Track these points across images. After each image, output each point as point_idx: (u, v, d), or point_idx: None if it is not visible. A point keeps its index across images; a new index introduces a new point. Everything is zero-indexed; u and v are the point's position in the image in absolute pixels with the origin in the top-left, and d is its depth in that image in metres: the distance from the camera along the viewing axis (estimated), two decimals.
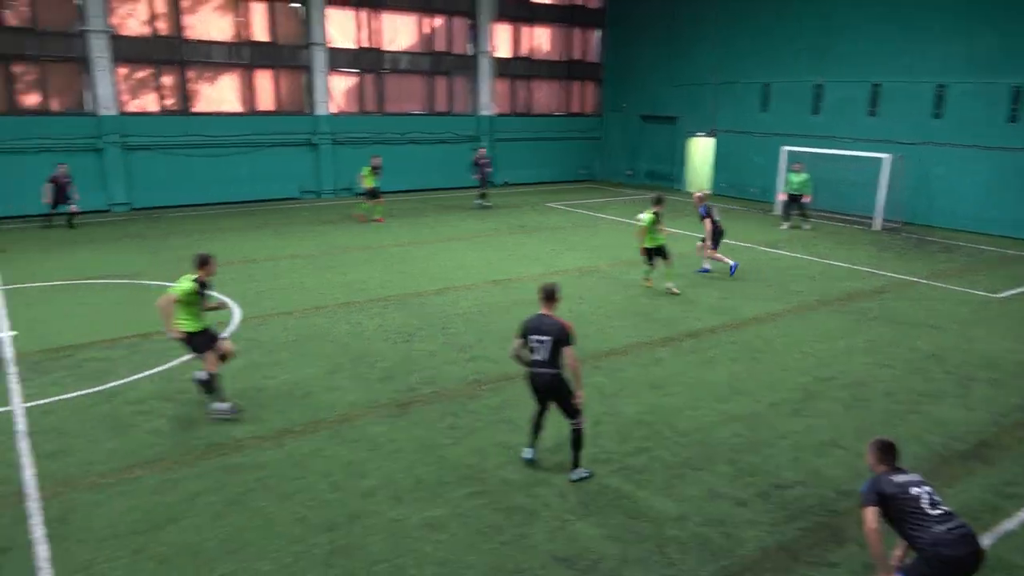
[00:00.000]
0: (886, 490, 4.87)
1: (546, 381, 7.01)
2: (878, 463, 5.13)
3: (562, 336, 6.95)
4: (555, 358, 6.96)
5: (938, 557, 4.62)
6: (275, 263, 15.65)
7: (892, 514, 4.87)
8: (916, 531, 4.74)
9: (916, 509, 4.78)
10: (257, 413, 8.44)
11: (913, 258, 17.54)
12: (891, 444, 5.13)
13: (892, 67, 22.42)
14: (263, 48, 23.82)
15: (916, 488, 4.87)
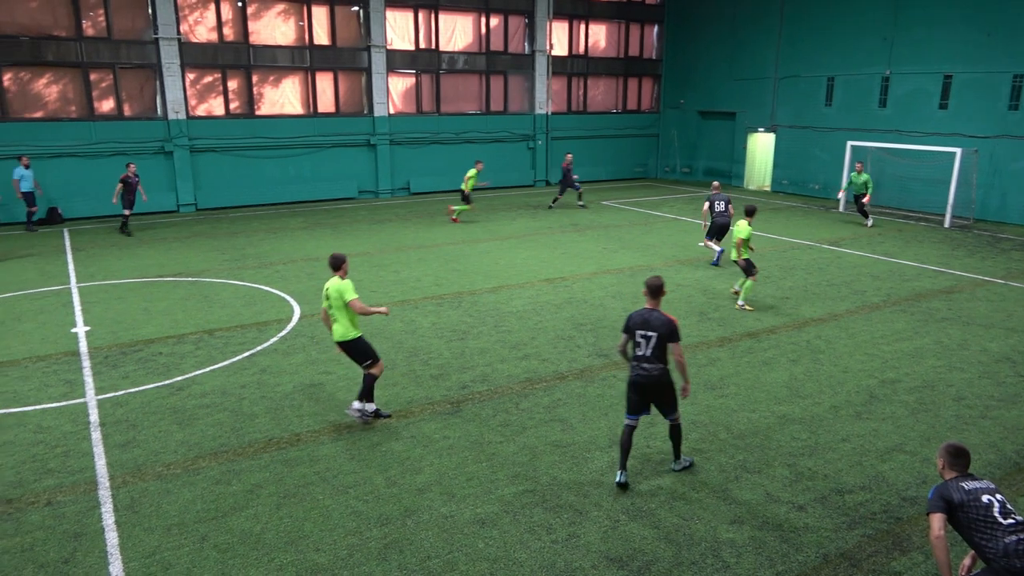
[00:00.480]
0: (955, 497, 4.66)
1: (652, 378, 6.87)
2: (948, 468, 4.90)
3: (669, 332, 6.83)
4: (660, 354, 6.85)
5: (1009, 570, 4.40)
6: None
7: (961, 522, 4.66)
8: (986, 541, 4.53)
9: (987, 518, 4.56)
10: (314, 408, 8.64)
11: (986, 256, 16.79)
12: (962, 449, 4.90)
13: (965, 57, 21.48)
14: (324, 51, 24.34)
15: (988, 496, 4.64)
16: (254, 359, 10.18)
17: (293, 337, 11.09)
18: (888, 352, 10.52)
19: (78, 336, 11.14)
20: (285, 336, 11.12)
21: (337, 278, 8.06)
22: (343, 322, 8.02)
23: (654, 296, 7.06)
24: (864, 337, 11.15)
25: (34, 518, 6.41)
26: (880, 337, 11.15)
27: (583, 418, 8.38)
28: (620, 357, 7.17)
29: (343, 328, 8.04)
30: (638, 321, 6.99)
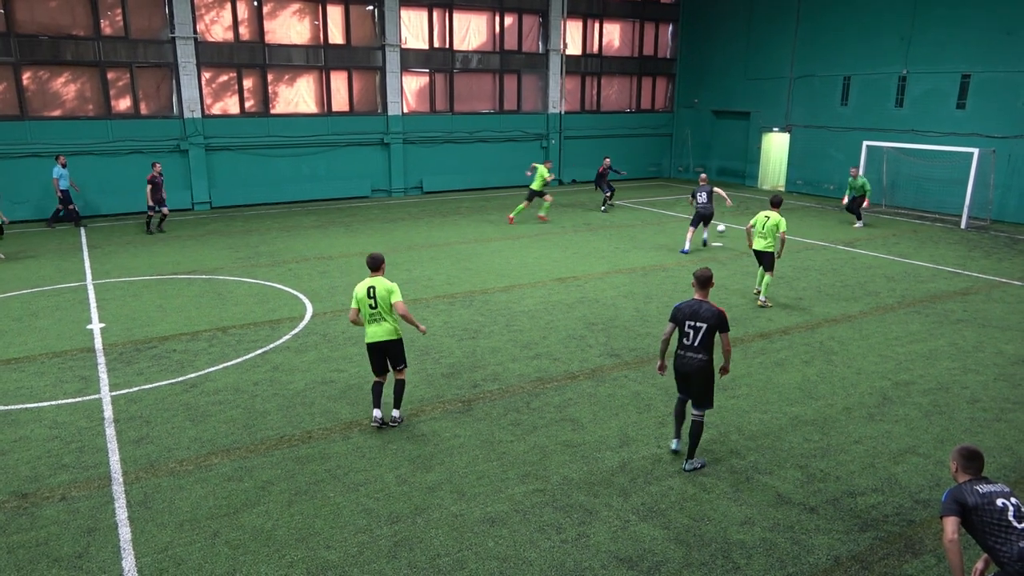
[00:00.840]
0: (968, 500, 4.62)
1: (697, 366, 7.01)
2: (961, 472, 4.85)
3: (719, 323, 6.97)
4: (707, 344, 6.98)
5: (1022, 573, 4.36)
6: (347, 260, 16.06)
7: (975, 526, 4.61)
8: (1000, 545, 4.49)
9: (1001, 521, 4.52)
10: (326, 406, 8.68)
11: (1003, 258, 16.61)
12: (977, 452, 4.85)
13: (983, 57, 21.26)
14: (339, 50, 24.45)
15: (1002, 500, 4.60)
16: (267, 356, 10.24)
17: (305, 335, 11.15)
18: (902, 354, 10.44)
19: (93, 333, 11.26)
20: (298, 334, 11.19)
21: (380, 277, 7.95)
22: (391, 322, 7.91)
23: (703, 287, 7.18)
24: (878, 338, 11.06)
25: (49, 513, 6.48)
26: (894, 338, 11.06)
27: (594, 418, 8.38)
28: (659, 345, 7.44)
29: (391, 327, 7.92)
30: (687, 312, 7.09)
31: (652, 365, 9.94)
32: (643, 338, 11.01)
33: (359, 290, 7.91)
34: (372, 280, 7.90)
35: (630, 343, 10.81)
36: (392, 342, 7.98)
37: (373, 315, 7.88)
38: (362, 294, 7.88)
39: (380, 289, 7.83)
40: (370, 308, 7.86)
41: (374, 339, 7.95)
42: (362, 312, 7.91)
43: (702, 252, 17.01)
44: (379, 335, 7.92)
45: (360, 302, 7.89)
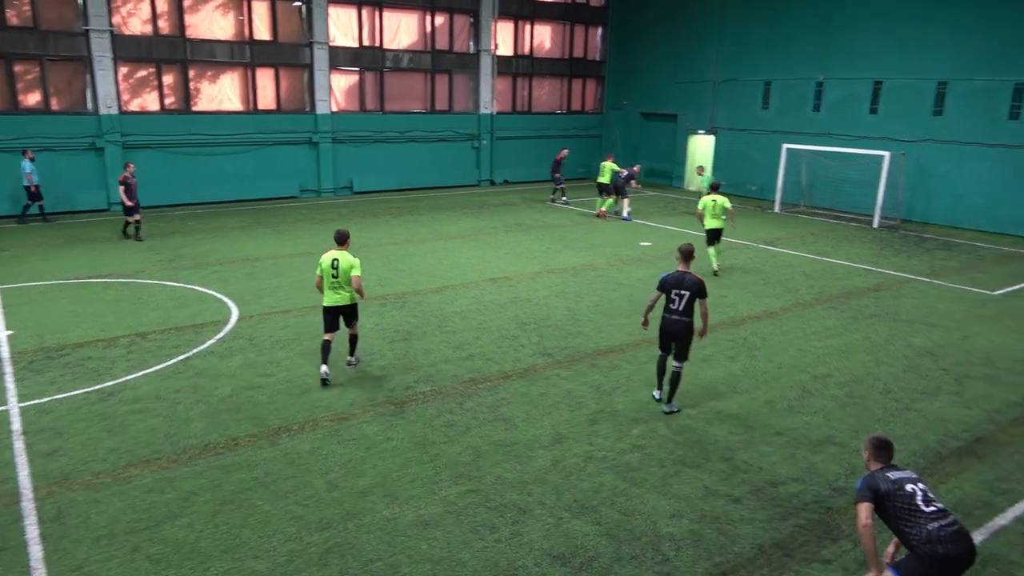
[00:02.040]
0: (881, 487, 4.86)
1: (683, 327, 8.30)
2: (873, 460, 5.11)
3: (700, 290, 8.24)
4: (689, 308, 8.27)
5: (932, 555, 4.62)
6: (274, 261, 15.68)
7: (887, 511, 4.86)
8: (910, 528, 4.74)
9: (911, 506, 4.77)
10: (253, 412, 8.46)
11: (912, 255, 17.53)
12: (887, 441, 5.12)
13: (894, 64, 22.38)
14: (265, 47, 23.84)
15: (911, 485, 4.86)
16: (189, 362, 9.91)
17: (231, 339, 10.84)
18: (820, 348, 10.89)
19: (0, 340, 10.66)
20: (223, 338, 10.87)
21: (345, 252, 9.05)
22: (349, 291, 9.07)
23: (686, 260, 8.48)
24: (797, 334, 11.51)
25: None
26: (812, 334, 11.53)
27: (527, 417, 8.43)
28: (644, 307, 8.74)
29: (349, 294, 9.10)
30: (672, 282, 8.35)
31: (584, 364, 10.08)
32: (575, 337, 11.15)
33: (324, 260, 9.05)
34: (337, 253, 9.04)
35: (562, 342, 10.93)
36: (349, 306, 9.21)
37: (334, 284, 9.01)
38: (326, 264, 9.00)
39: (343, 263, 8.95)
40: (332, 278, 8.99)
41: (333, 304, 9.09)
42: (324, 280, 9.02)
43: (635, 252, 17.33)
44: (338, 301, 9.09)
45: (324, 271, 9.03)
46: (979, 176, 20.97)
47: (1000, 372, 10.06)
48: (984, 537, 6.26)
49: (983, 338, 11.46)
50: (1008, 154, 20.30)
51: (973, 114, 20.85)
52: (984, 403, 9.05)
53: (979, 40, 20.46)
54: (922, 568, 4.66)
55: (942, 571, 4.65)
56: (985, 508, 6.72)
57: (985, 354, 10.74)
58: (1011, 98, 20.07)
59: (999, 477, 7.27)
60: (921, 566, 4.67)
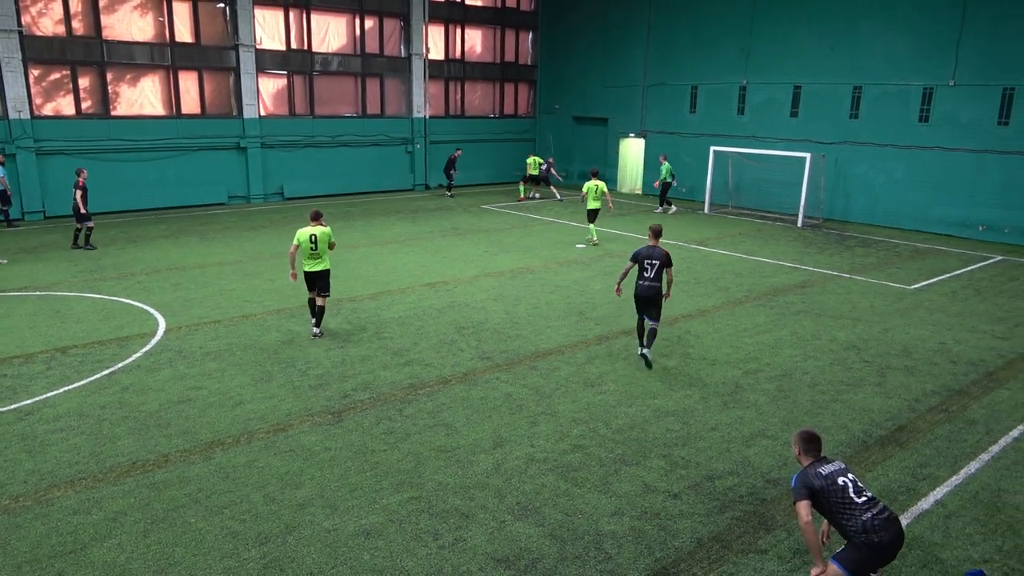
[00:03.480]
0: (815, 484, 5.05)
1: (654, 292, 9.92)
2: (803, 454, 5.29)
3: (667, 260, 9.97)
4: (659, 276, 9.90)
5: (869, 544, 4.83)
6: (202, 270, 15.20)
7: (822, 505, 5.06)
8: (846, 520, 4.94)
9: (844, 499, 4.97)
10: (184, 426, 8.18)
11: (834, 253, 18.26)
12: (815, 435, 5.31)
13: (812, 69, 23.32)
14: (187, 49, 23.10)
15: (842, 478, 5.06)
16: (115, 377, 9.51)
17: (158, 352, 10.45)
18: (751, 344, 11.23)
19: None
20: (149, 351, 10.46)
21: (320, 226, 10.81)
22: (326, 259, 10.87)
23: (656, 236, 10.24)
24: (729, 331, 11.84)
25: None
26: (743, 330, 11.88)
27: (467, 421, 8.41)
28: (619, 276, 10.37)
29: (325, 262, 10.87)
30: (644, 254, 10.00)
31: (523, 366, 10.13)
32: (513, 340, 11.18)
33: (302, 235, 10.68)
34: (313, 228, 10.76)
35: (501, 345, 10.94)
36: (324, 271, 10.87)
37: (312, 253, 10.74)
38: (304, 239, 10.68)
39: (321, 236, 10.72)
40: (311, 249, 10.70)
41: (312, 269, 10.83)
42: (302, 251, 10.69)
43: (571, 254, 17.50)
44: (316, 267, 10.83)
45: (302, 244, 10.66)
46: (893, 176, 22.04)
47: (917, 363, 10.58)
48: (909, 521, 6.57)
49: (901, 331, 12.03)
50: (919, 155, 21.41)
51: (886, 117, 21.90)
52: (904, 393, 9.50)
53: (890, 46, 21.52)
54: (860, 557, 4.88)
55: (876, 558, 4.88)
56: (908, 493, 7.05)
57: (904, 346, 11.28)
58: (920, 102, 21.17)
59: (920, 463, 7.64)
60: (859, 555, 4.88)
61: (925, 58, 20.88)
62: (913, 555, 6.08)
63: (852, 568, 4.88)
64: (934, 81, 20.82)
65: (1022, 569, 5.94)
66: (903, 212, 21.95)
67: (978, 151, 20.30)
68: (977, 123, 20.23)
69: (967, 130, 20.43)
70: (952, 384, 9.81)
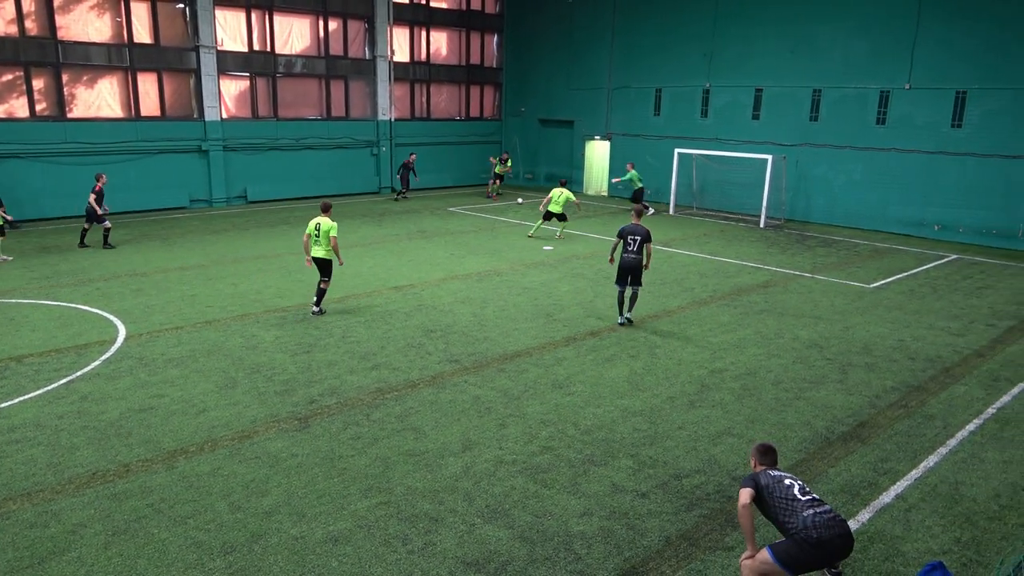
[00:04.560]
0: (761, 480, 5.30)
1: (636, 263, 11.67)
2: (758, 464, 5.59)
3: (647, 236, 11.75)
4: (640, 249, 11.67)
5: (807, 540, 4.94)
6: (164, 275, 14.91)
7: (766, 503, 5.19)
8: (788, 517, 5.06)
9: (788, 496, 5.13)
10: (146, 435, 8.01)
11: (796, 253, 18.59)
12: (771, 447, 5.62)
13: (773, 73, 23.73)
14: (146, 50, 22.66)
15: (789, 479, 5.30)
16: (73, 386, 9.28)
17: (118, 360, 10.22)
18: (716, 343, 11.37)
19: None
20: (109, 359, 10.23)
21: (326, 218, 12.10)
22: (326, 247, 12.11)
23: (638, 216, 12.20)
24: (694, 331, 11.98)
25: None
26: (708, 330, 12.03)
27: (436, 425, 8.37)
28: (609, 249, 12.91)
29: (325, 249, 12.14)
30: (629, 231, 11.81)
31: (491, 369, 10.12)
32: (481, 342, 11.17)
33: (310, 224, 12.15)
34: (320, 219, 12.10)
35: (469, 348, 10.93)
36: (323, 259, 12.21)
37: (316, 241, 12.12)
38: (311, 227, 12.13)
39: (324, 226, 12.04)
40: (316, 236, 12.09)
41: (316, 255, 12.19)
42: (310, 239, 12.10)
43: (538, 256, 17.54)
44: (318, 254, 12.19)
45: (309, 231, 12.14)
46: (852, 177, 22.53)
47: (877, 360, 10.82)
48: (871, 515, 6.71)
49: (862, 328, 12.29)
50: (876, 157, 21.91)
51: (845, 120, 22.38)
52: (865, 389, 9.70)
53: (848, 50, 22.00)
54: (797, 551, 4.94)
55: (816, 556, 4.92)
56: (870, 488, 7.20)
57: (864, 343, 11.53)
58: (877, 104, 21.67)
59: (881, 458, 7.81)
60: (796, 550, 4.95)
61: (881, 62, 21.39)
62: (875, 548, 6.21)
63: (784, 560, 4.98)
64: (890, 84, 21.33)
65: (979, 559, 6.10)
66: (862, 212, 22.44)
67: (933, 152, 20.85)
68: (932, 125, 20.78)
69: (922, 132, 20.97)
70: (911, 380, 10.05)
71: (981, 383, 10.00)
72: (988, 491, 7.17)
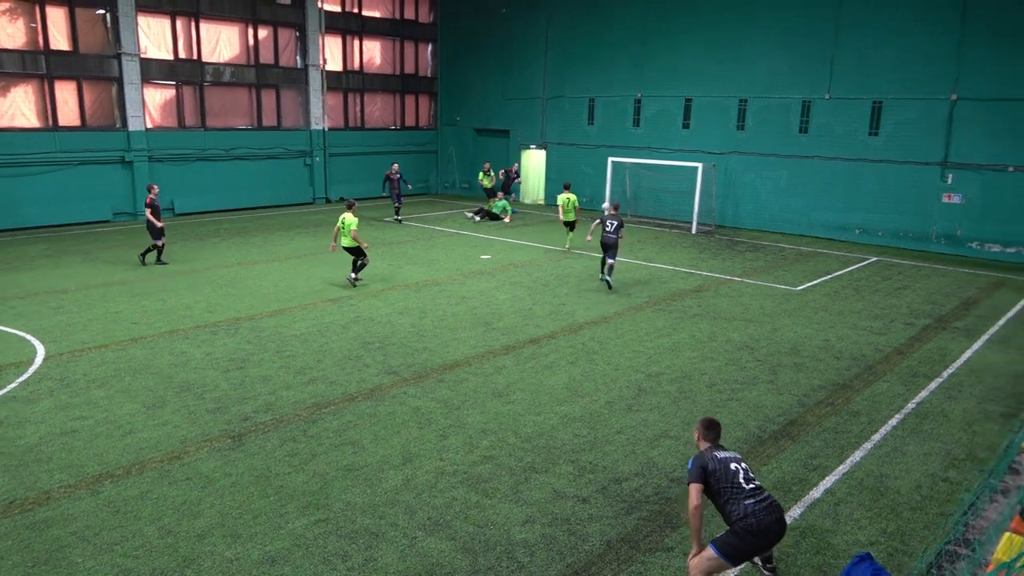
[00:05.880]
0: (709, 465, 5.38)
1: (613, 240, 14.87)
2: (702, 439, 5.69)
3: (621, 223, 15.04)
4: (617, 230, 14.88)
5: (746, 529, 5.14)
6: (86, 292, 14.30)
7: (712, 489, 5.32)
8: (731, 505, 5.22)
9: (733, 483, 5.28)
10: (68, 459, 7.64)
11: (726, 258, 19.12)
12: (714, 421, 5.72)
13: (701, 83, 24.41)
14: (64, 57, 21.74)
15: (735, 464, 5.40)
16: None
17: (37, 381, 9.74)
18: (652, 348, 11.58)
19: None
20: (26, 381, 9.74)
21: (349, 214, 14.72)
22: (350, 237, 14.64)
23: (616, 209, 15.61)
24: (631, 336, 12.17)
25: None
26: (644, 335, 12.24)
27: (375, 438, 8.26)
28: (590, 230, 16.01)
29: (350, 241, 14.72)
30: (608, 216, 15.10)
31: (431, 379, 10.06)
32: (420, 353, 11.09)
33: (339, 219, 14.71)
34: (345, 214, 14.71)
35: (408, 359, 10.83)
36: (351, 247, 14.82)
37: (343, 232, 14.68)
38: (340, 222, 14.69)
39: (348, 221, 14.62)
40: (342, 229, 14.65)
41: (343, 245, 14.84)
42: (340, 230, 14.72)
43: (476, 265, 17.53)
44: (346, 243, 14.79)
45: (338, 224, 14.73)
46: (778, 184, 23.33)
47: (805, 360, 11.20)
48: (802, 510, 6.93)
49: (790, 330, 12.72)
50: (800, 164, 22.76)
51: (770, 128, 23.18)
52: (794, 389, 10.03)
53: (771, 62, 22.81)
54: (738, 541, 5.16)
55: (755, 543, 5.16)
56: (801, 484, 7.44)
57: (792, 344, 11.92)
58: (800, 114, 22.53)
59: (810, 454, 8.09)
60: (737, 540, 5.17)
61: (803, 73, 22.26)
62: (807, 542, 6.41)
63: (727, 552, 5.18)
64: (812, 95, 22.21)
65: (904, 549, 6.37)
66: (788, 218, 23.25)
67: (852, 160, 21.79)
68: (851, 134, 21.72)
69: (842, 140, 21.90)
70: (836, 379, 10.45)
71: (901, 379, 10.47)
72: (910, 483, 7.50)
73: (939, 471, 7.77)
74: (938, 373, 10.76)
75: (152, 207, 16.70)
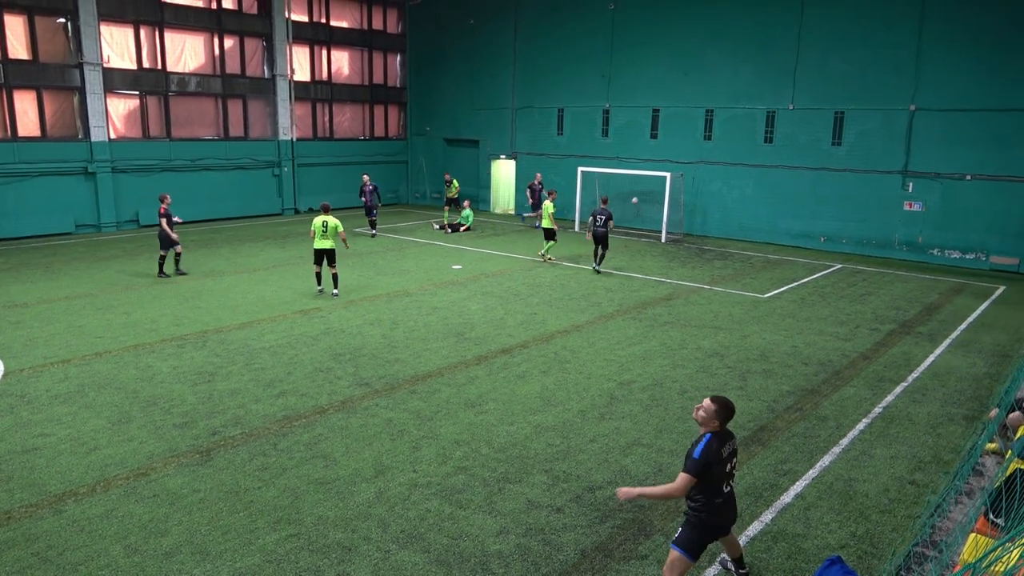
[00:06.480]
0: (714, 465, 5.21)
1: (602, 233, 17.40)
2: (715, 418, 5.27)
3: (610, 216, 17.42)
4: (606, 223, 17.24)
5: (708, 524, 5.34)
6: (48, 306, 13.97)
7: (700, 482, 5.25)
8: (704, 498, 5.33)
9: (717, 483, 5.36)
10: (29, 478, 7.44)
11: (695, 266, 19.33)
12: (733, 407, 5.38)
13: (668, 94, 24.73)
14: (23, 67, 21.31)
15: (729, 465, 5.48)
16: None
17: None
18: (623, 356, 11.64)
19: None
20: None
21: (329, 216, 14.72)
22: (332, 239, 14.70)
23: (604, 203, 17.85)
24: (603, 344, 12.22)
25: None
26: (616, 343, 12.30)
27: (347, 451, 8.18)
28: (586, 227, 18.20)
29: (332, 242, 14.74)
30: (598, 211, 17.51)
31: (403, 391, 9.99)
32: (392, 364, 11.02)
33: (316, 222, 14.66)
34: (325, 217, 14.69)
35: (379, 371, 10.75)
36: (331, 250, 14.79)
37: (323, 235, 14.61)
38: (318, 225, 14.66)
39: (331, 223, 14.67)
40: (322, 232, 14.61)
41: (321, 247, 14.71)
42: (316, 232, 14.63)
43: (447, 275, 17.50)
44: (325, 245, 14.71)
45: (316, 228, 14.67)
46: (744, 193, 23.70)
47: (774, 366, 11.35)
48: (773, 515, 7.00)
49: (758, 336, 12.88)
50: (766, 173, 23.14)
51: (736, 138, 23.55)
52: (764, 395, 10.15)
53: (736, 73, 23.21)
54: (698, 536, 5.36)
55: (712, 534, 5.43)
56: (772, 489, 7.52)
57: (761, 351, 12.08)
58: (765, 124, 22.92)
59: (780, 460, 8.18)
60: (697, 534, 5.36)
61: (767, 84, 22.67)
62: (779, 547, 6.47)
63: (687, 547, 5.36)
64: (776, 105, 22.62)
65: (874, 551, 6.46)
66: (754, 226, 23.61)
67: (816, 169, 22.21)
68: (814, 143, 22.15)
69: (806, 150, 22.32)
70: (805, 384, 10.60)
71: (868, 384, 10.66)
72: (878, 486, 7.63)
73: (906, 474, 7.91)
74: (903, 377, 10.98)
75: (166, 217, 16.40)
